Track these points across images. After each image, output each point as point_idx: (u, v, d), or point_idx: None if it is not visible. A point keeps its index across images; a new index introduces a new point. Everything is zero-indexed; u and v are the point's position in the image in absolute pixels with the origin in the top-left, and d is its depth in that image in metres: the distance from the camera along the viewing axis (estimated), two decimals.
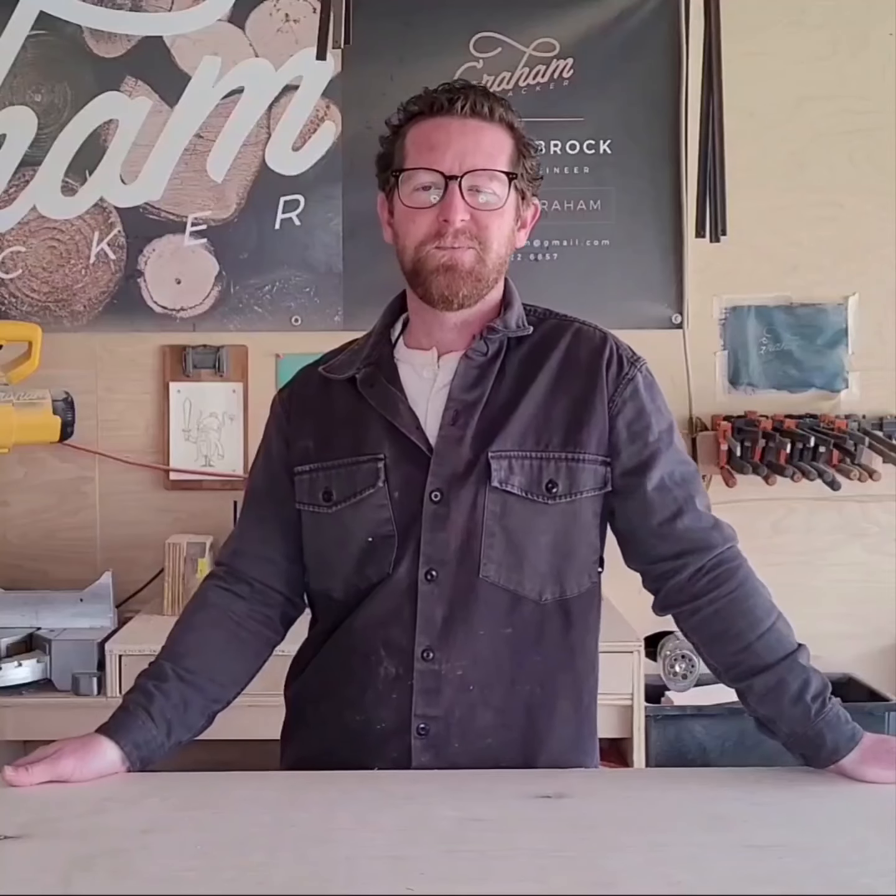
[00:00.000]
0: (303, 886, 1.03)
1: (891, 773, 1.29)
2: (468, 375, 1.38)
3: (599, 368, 1.39)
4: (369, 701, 1.37)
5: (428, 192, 1.34)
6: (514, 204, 1.38)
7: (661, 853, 1.10)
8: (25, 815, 1.20)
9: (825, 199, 2.83)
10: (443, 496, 1.34)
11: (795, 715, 1.33)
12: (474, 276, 1.35)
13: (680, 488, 1.40)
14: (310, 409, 1.45)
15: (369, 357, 1.43)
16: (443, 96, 1.37)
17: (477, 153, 1.33)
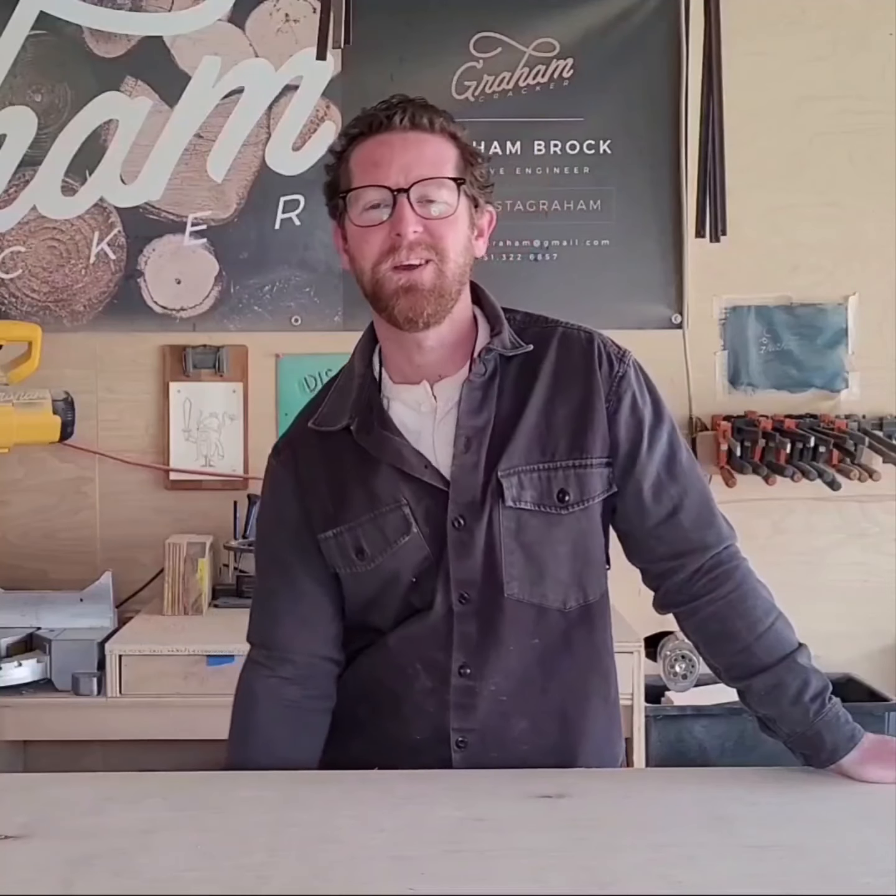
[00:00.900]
0: (303, 886, 1.03)
1: (891, 773, 1.29)
2: (473, 399, 1.35)
3: (593, 369, 1.38)
4: (406, 712, 1.38)
5: (378, 210, 1.30)
6: (467, 211, 1.34)
7: (661, 853, 1.10)
8: (25, 815, 1.20)
9: (825, 199, 2.83)
10: (465, 522, 1.34)
11: (794, 715, 1.33)
12: (436, 292, 1.31)
13: (675, 484, 1.39)
14: (316, 470, 1.41)
15: (359, 402, 1.38)
16: (381, 113, 1.32)
17: (421, 164, 1.30)
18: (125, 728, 2.31)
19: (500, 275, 2.80)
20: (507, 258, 2.82)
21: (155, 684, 2.29)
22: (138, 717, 2.29)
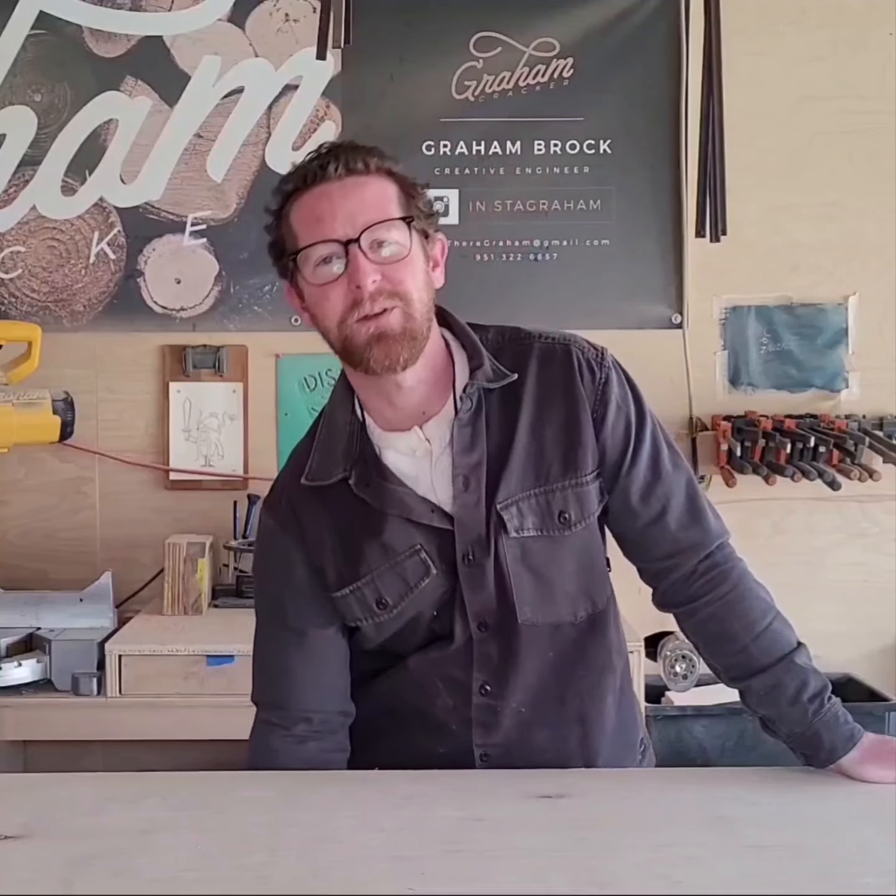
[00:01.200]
0: (303, 886, 1.03)
1: (891, 773, 1.29)
2: (464, 437, 1.34)
3: (574, 382, 1.36)
4: (429, 727, 1.40)
5: (331, 265, 1.27)
6: (420, 247, 1.31)
7: (661, 853, 1.10)
8: (25, 815, 1.20)
9: (825, 199, 2.83)
10: (474, 558, 1.35)
11: (793, 716, 1.33)
12: (408, 335, 1.28)
13: (661, 484, 1.38)
14: (320, 527, 1.38)
15: (350, 452, 1.37)
16: (313, 165, 1.29)
17: (365, 209, 1.27)
18: (125, 728, 2.31)
19: (500, 275, 2.80)
20: (507, 258, 2.82)
21: (155, 684, 2.29)
22: (138, 717, 2.29)
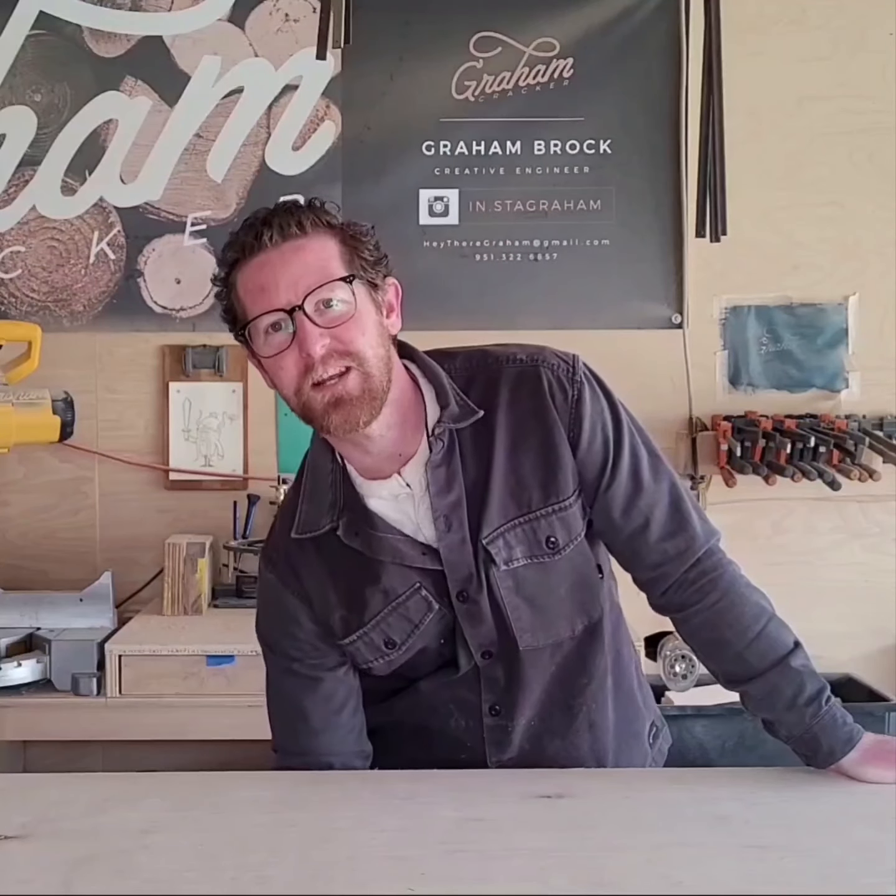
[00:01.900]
0: (303, 886, 1.03)
1: (891, 773, 1.29)
2: (439, 479, 1.33)
3: (546, 405, 1.34)
4: (446, 743, 1.43)
5: (279, 333, 1.26)
6: (368, 300, 1.29)
7: (661, 853, 1.10)
8: (25, 815, 1.20)
9: (825, 199, 2.83)
10: (468, 595, 1.36)
11: (791, 720, 1.34)
12: (367, 396, 1.27)
13: (642, 496, 1.37)
14: (319, 580, 1.39)
15: (336, 503, 1.36)
16: (249, 236, 1.28)
17: (307, 273, 1.26)
18: (125, 728, 2.31)
19: (500, 275, 2.80)
20: (507, 258, 2.82)
21: (155, 684, 2.29)
22: (138, 718, 2.29)
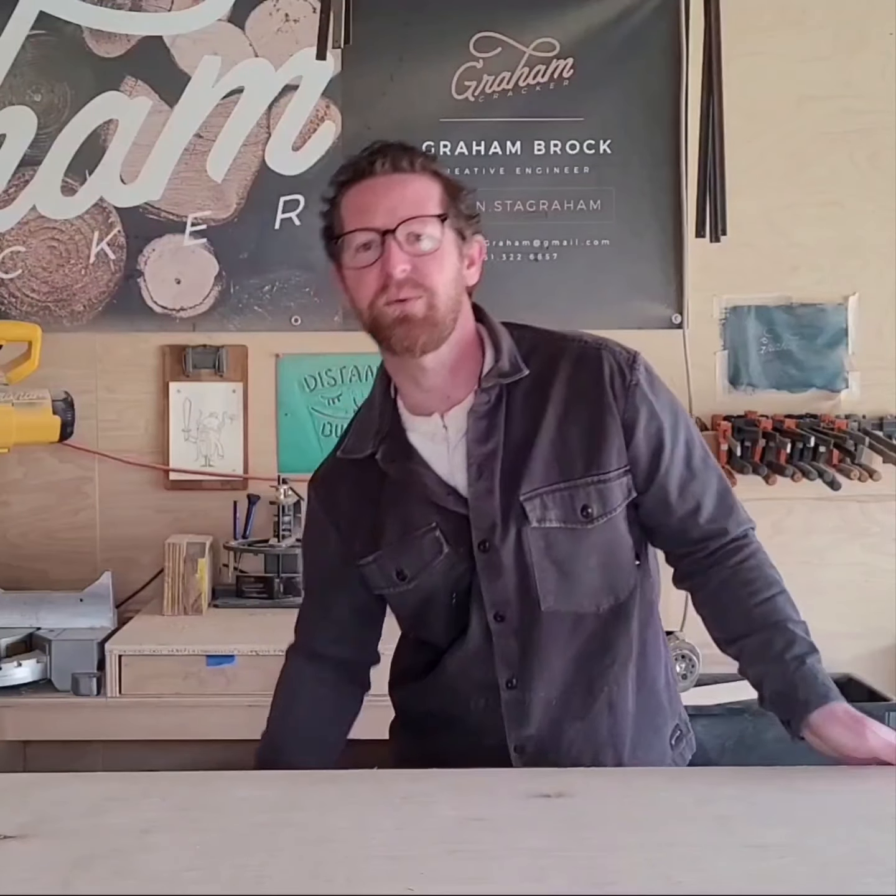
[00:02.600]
0: (302, 886, 1.03)
1: (859, 743, 1.30)
2: (479, 429, 1.41)
3: (604, 388, 1.41)
4: (468, 726, 1.46)
5: (368, 252, 1.36)
6: (454, 244, 1.39)
7: (661, 853, 1.10)
8: (25, 815, 1.20)
9: (825, 199, 2.83)
10: (490, 545, 1.40)
11: (775, 671, 1.37)
12: (429, 322, 1.36)
13: (696, 481, 1.45)
14: (349, 500, 1.50)
15: (380, 431, 1.47)
16: (364, 160, 1.40)
17: (406, 204, 1.36)
18: (125, 728, 2.31)
19: (500, 275, 2.80)
20: (507, 258, 2.82)
21: (155, 684, 2.29)
22: (138, 717, 2.29)
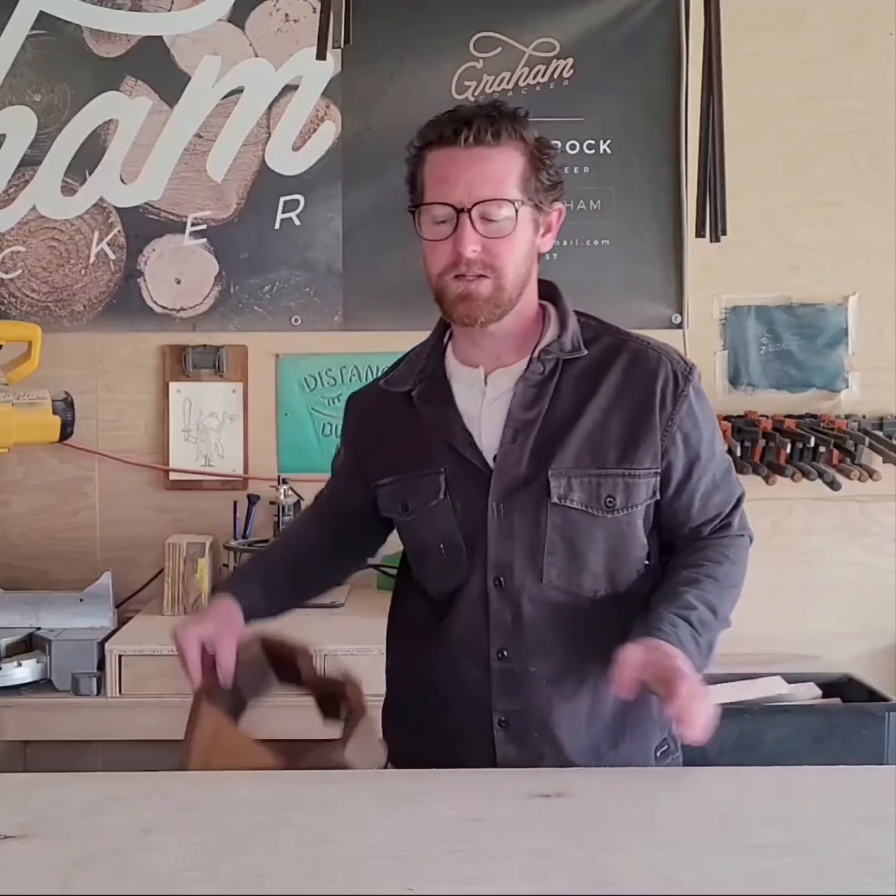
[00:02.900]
0: (302, 886, 1.03)
1: (638, 649, 1.31)
2: (526, 395, 1.44)
3: (655, 390, 1.45)
4: (454, 700, 1.48)
5: (443, 226, 1.40)
6: (529, 219, 1.42)
7: (661, 853, 1.10)
8: (25, 815, 1.20)
9: (825, 199, 2.83)
10: (505, 509, 1.43)
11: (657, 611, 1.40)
12: (492, 302, 1.41)
13: (720, 493, 1.51)
14: (378, 426, 1.55)
15: (424, 370, 1.51)
16: (449, 128, 1.39)
17: (484, 183, 1.38)
18: (125, 728, 2.31)
19: None
20: None
21: (155, 684, 2.29)
22: (138, 717, 2.29)
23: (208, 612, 1.53)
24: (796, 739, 2.48)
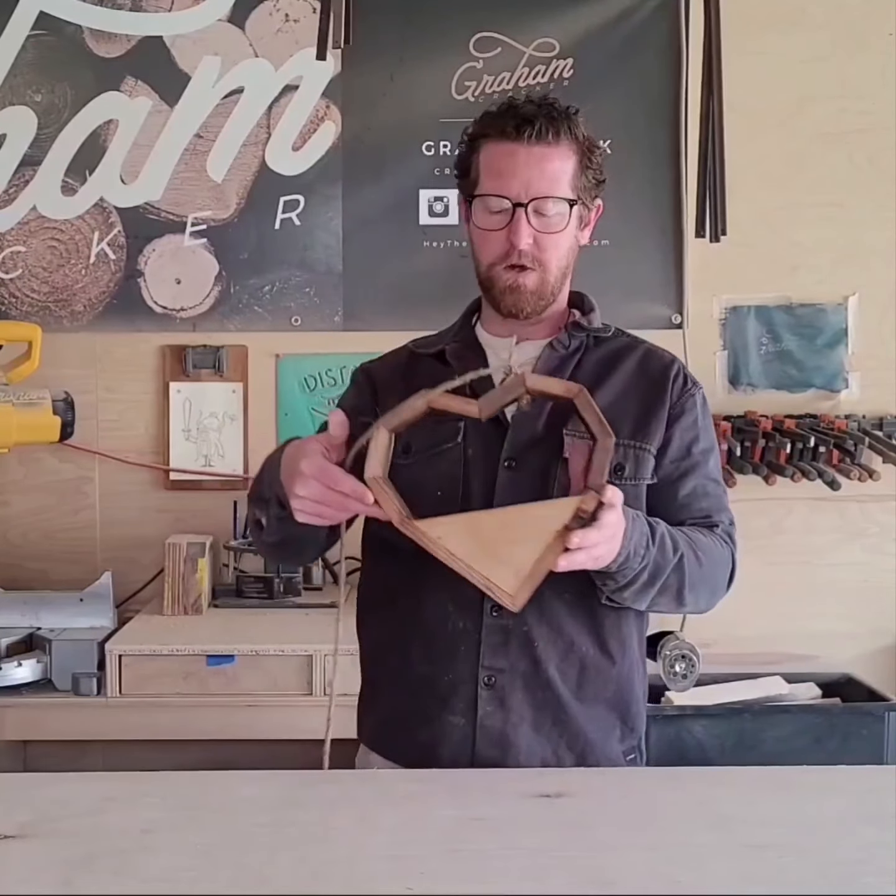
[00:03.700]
0: (302, 886, 1.03)
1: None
2: (550, 362, 1.51)
3: (667, 380, 1.53)
4: (437, 653, 1.46)
5: (498, 216, 1.46)
6: (577, 216, 1.51)
7: (661, 853, 1.10)
8: (25, 815, 1.20)
9: (825, 199, 2.83)
10: (516, 464, 1.44)
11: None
12: (537, 295, 1.49)
13: (708, 499, 1.52)
14: (397, 376, 1.57)
15: (456, 336, 1.58)
16: (511, 124, 1.45)
17: (542, 181, 1.45)
18: (125, 728, 2.31)
19: None
20: None
21: (155, 684, 2.29)
22: (138, 717, 2.29)
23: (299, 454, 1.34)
24: (796, 739, 2.48)
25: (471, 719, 1.44)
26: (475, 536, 1.28)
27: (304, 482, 1.28)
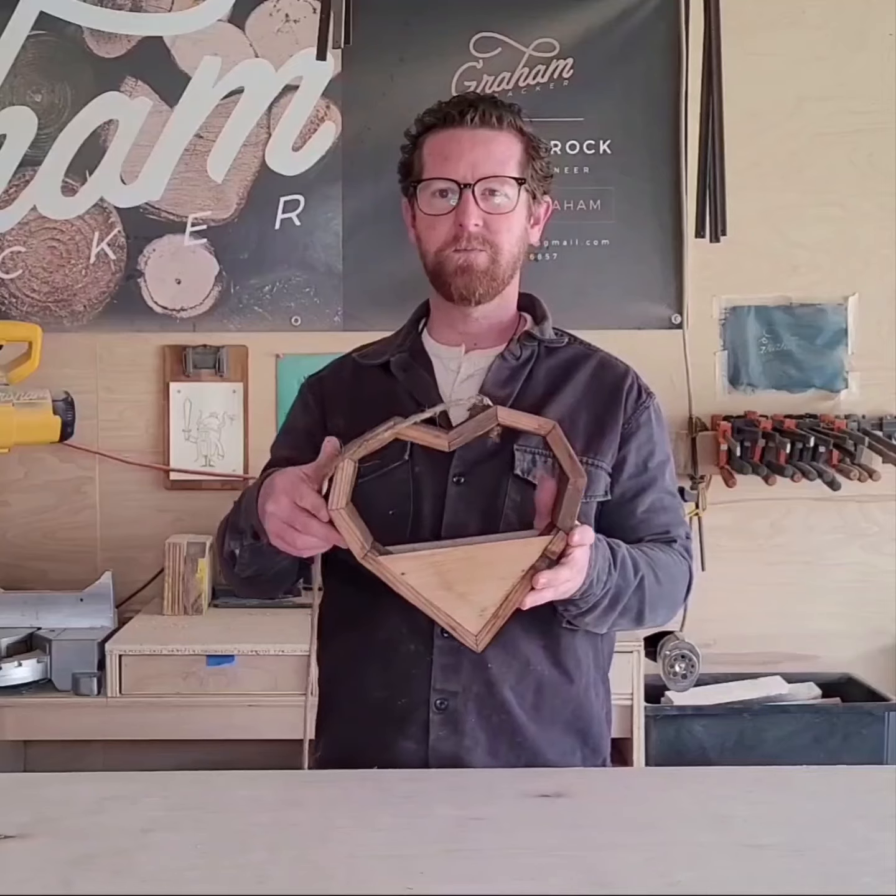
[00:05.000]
0: (302, 885, 1.03)
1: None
2: (501, 373, 1.47)
3: (620, 393, 1.49)
4: (392, 677, 1.43)
5: (444, 199, 1.43)
6: (526, 204, 1.47)
7: (661, 853, 1.10)
8: (25, 815, 1.20)
9: (825, 199, 2.83)
10: (466, 479, 1.41)
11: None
12: (489, 275, 1.44)
13: (666, 513, 1.50)
14: (342, 390, 1.55)
15: (402, 346, 1.53)
16: (454, 109, 1.44)
17: (487, 161, 1.42)
18: (125, 728, 2.31)
19: None
20: None
21: (155, 684, 2.29)
22: (138, 717, 2.29)
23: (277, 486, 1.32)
24: (796, 739, 2.49)
25: (423, 744, 1.41)
26: (439, 573, 1.25)
27: (276, 498, 1.28)
